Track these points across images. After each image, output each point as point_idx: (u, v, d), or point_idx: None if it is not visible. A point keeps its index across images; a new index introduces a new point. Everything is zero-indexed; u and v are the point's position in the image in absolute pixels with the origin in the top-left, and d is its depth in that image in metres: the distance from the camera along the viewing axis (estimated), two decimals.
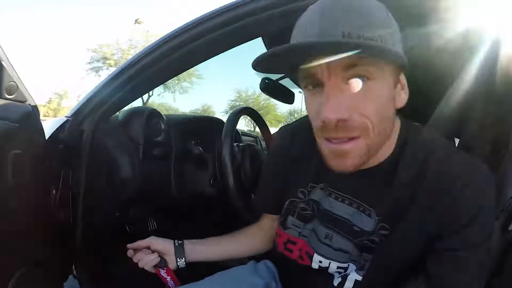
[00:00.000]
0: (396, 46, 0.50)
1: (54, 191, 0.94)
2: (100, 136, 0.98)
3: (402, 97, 0.56)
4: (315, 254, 0.68)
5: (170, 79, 1.05)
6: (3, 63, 0.69)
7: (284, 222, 0.73)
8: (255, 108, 1.40)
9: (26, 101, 0.78)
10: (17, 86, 0.74)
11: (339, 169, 0.55)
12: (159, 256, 0.79)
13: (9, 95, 0.73)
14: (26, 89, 0.79)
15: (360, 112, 0.49)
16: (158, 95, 21.33)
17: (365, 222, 0.62)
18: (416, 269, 0.60)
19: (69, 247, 0.96)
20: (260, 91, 1.58)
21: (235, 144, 1.15)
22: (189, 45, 0.87)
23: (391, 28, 0.50)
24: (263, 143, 1.76)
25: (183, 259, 0.79)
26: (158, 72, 0.94)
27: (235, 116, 1.12)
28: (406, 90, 0.57)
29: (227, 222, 1.16)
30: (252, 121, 1.36)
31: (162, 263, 0.78)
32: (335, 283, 0.66)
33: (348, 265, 0.65)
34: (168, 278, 0.76)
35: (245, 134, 2.08)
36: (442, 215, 0.55)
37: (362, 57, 0.46)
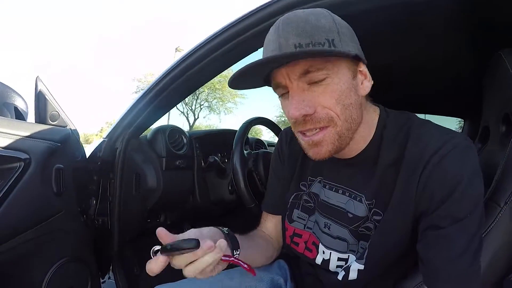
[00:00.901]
0: (346, 44, 0.56)
1: (94, 201, 1.12)
2: (130, 153, 1.15)
3: (366, 85, 0.62)
4: (320, 244, 0.73)
5: (184, 98, 1.19)
6: (46, 96, 0.88)
7: (290, 215, 0.79)
8: None
9: (66, 126, 0.97)
10: (59, 114, 0.93)
11: (316, 158, 0.61)
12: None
13: (52, 121, 0.91)
14: (67, 116, 0.97)
15: (323, 105, 0.57)
16: (204, 117, 22.26)
17: (357, 208, 0.67)
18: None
19: (108, 250, 1.12)
20: None
21: (248, 151, 1.25)
22: (198, 64, 1.00)
23: (337, 31, 0.57)
24: None
25: (239, 251, 0.64)
26: (175, 92, 1.08)
27: (246, 126, 1.22)
28: (369, 78, 0.62)
29: (247, 224, 1.25)
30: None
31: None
32: (340, 277, 0.68)
33: (348, 256, 0.69)
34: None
35: (272, 145, 2.16)
36: (423, 191, 0.57)
37: (312, 63, 0.54)
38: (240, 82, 0.61)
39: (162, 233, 0.52)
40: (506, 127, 0.76)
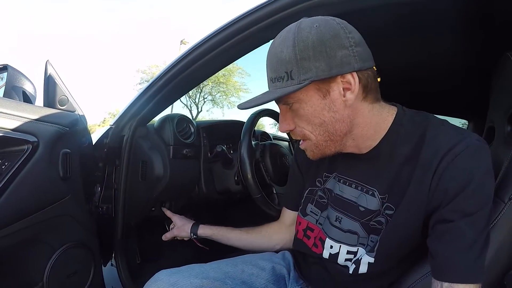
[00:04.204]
0: (305, 70, 0.59)
1: (99, 188, 1.12)
2: (137, 140, 1.14)
3: (348, 97, 0.62)
4: (327, 239, 0.75)
5: (192, 88, 1.18)
6: (56, 81, 0.88)
7: (304, 209, 0.83)
8: None
9: (75, 111, 0.96)
10: (68, 99, 0.93)
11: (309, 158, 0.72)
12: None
13: (61, 106, 0.91)
14: (75, 101, 0.97)
15: (297, 125, 0.68)
16: (207, 111, 22.00)
17: (369, 202, 0.69)
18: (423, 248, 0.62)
19: (111, 237, 1.12)
20: None
21: (256, 142, 1.24)
22: (206, 56, 0.99)
23: (296, 59, 0.59)
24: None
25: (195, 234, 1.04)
26: (182, 83, 1.07)
27: (254, 117, 1.21)
28: (353, 89, 0.61)
29: (252, 215, 1.25)
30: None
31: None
32: (350, 271, 0.71)
33: (358, 249, 0.70)
34: None
35: (277, 138, 2.15)
36: (436, 187, 0.59)
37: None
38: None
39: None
40: (511, 127, 0.77)
